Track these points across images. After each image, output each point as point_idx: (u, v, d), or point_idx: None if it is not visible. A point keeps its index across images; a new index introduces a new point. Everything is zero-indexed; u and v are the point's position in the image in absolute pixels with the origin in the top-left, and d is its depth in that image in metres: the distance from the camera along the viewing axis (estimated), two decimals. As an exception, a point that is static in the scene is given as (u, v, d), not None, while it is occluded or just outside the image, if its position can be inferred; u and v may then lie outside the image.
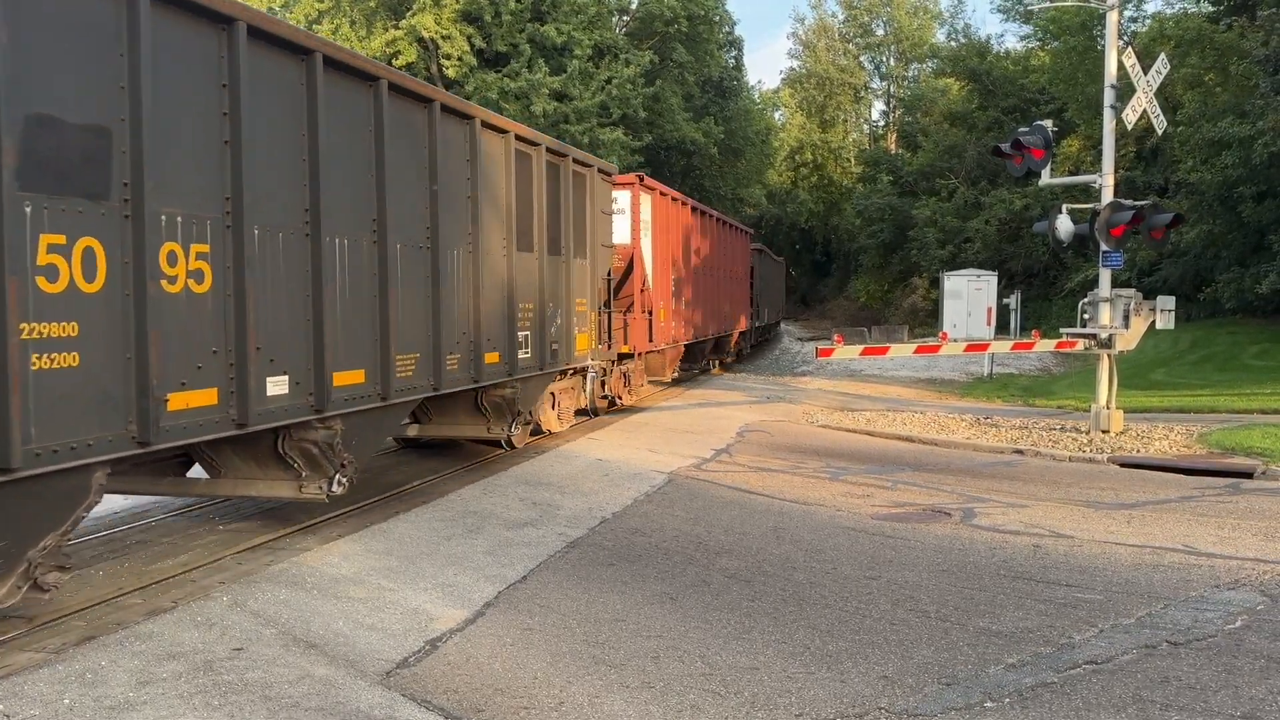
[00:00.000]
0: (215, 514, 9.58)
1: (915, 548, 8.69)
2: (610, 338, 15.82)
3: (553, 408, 13.95)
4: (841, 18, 75.98)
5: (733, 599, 7.23)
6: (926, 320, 45.28)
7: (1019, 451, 14.32)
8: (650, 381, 20.89)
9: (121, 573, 7.59)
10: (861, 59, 76.37)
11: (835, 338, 16.83)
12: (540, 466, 12.15)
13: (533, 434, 13.41)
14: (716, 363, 29.04)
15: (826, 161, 73.98)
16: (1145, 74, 15.08)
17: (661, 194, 20.03)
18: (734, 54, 51.40)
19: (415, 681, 5.66)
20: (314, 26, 34.84)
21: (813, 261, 74.43)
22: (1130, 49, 15.71)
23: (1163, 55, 16.12)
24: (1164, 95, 17.74)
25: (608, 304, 15.72)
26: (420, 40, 34.73)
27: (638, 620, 6.76)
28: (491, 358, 10.97)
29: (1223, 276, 30.71)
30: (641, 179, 18.72)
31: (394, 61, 33.92)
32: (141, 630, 6.12)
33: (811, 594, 7.35)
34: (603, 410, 16.76)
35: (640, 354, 18.60)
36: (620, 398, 17.64)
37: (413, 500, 10.08)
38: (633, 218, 18.25)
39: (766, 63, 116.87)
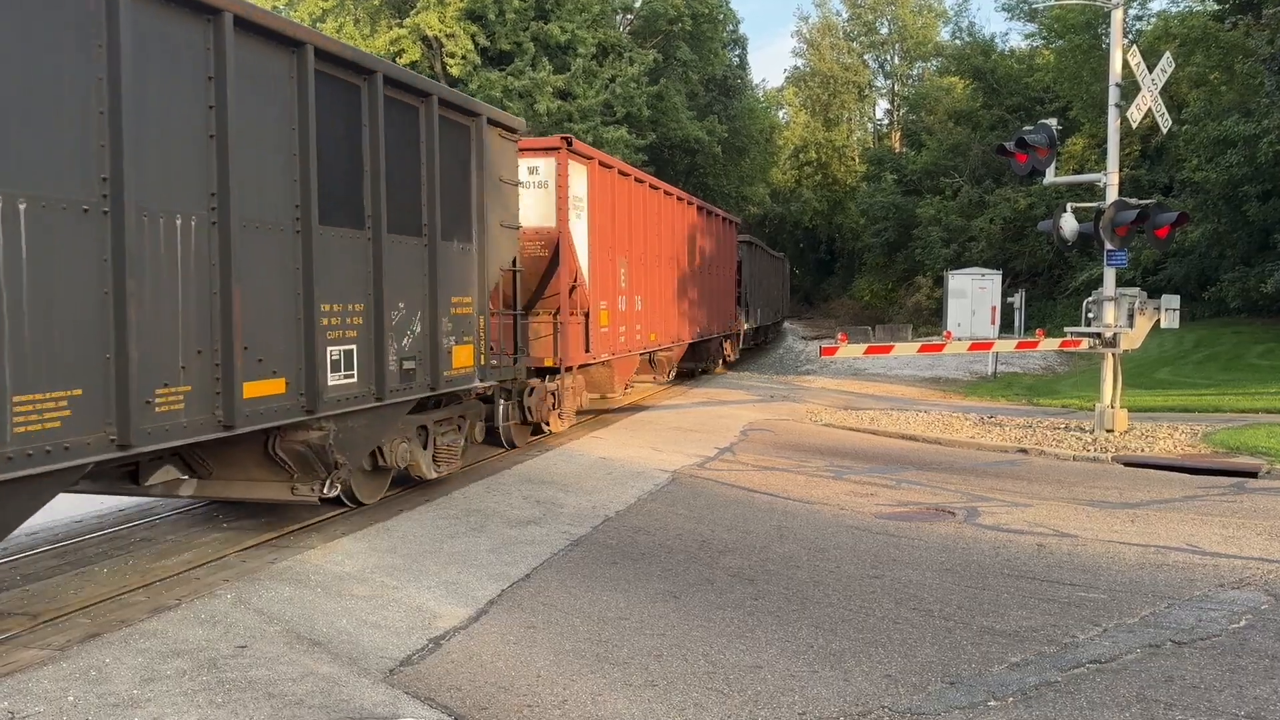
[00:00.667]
0: (219, 512, 9.60)
1: (919, 547, 8.68)
2: (521, 348, 12.43)
3: (425, 446, 10.16)
4: (846, 16, 76.00)
5: (736, 597, 7.23)
6: (930, 319, 45.25)
7: (1023, 451, 14.30)
8: (595, 400, 17.41)
9: (125, 570, 7.61)
10: (865, 57, 76.34)
11: (839, 337, 16.81)
12: (543, 465, 12.15)
13: (395, 485, 10.23)
14: (716, 365, 27.51)
15: (830, 160, 73.98)
16: (1150, 72, 15.05)
17: (602, 165, 15.83)
18: (738, 52, 51.44)
19: (419, 679, 5.66)
20: (318, 25, 34.87)
21: (816, 260, 74.45)
22: (1135, 47, 15.68)
23: (1168, 54, 16.09)
24: (1169, 94, 17.76)
25: (515, 304, 12.26)
26: (424, 39, 34.76)
27: (641, 618, 6.76)
28: (264, 387, 7.26)
29: (1227, 276, 30.68)
30: (569, 142, 14.37)
31: (398, 60, 33.96)
32: (146, 628, 6.13)
33: (815, 593, 7.35)
34: (522, 442, 13.44)
35: (574, 368, 14.68)
36: (547, 424, 14.06)
37: (416, 498, 10.08)
38: (559, 194, 14.11)
39: (770, 61, 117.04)
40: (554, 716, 5.22)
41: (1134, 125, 15.61)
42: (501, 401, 12.71)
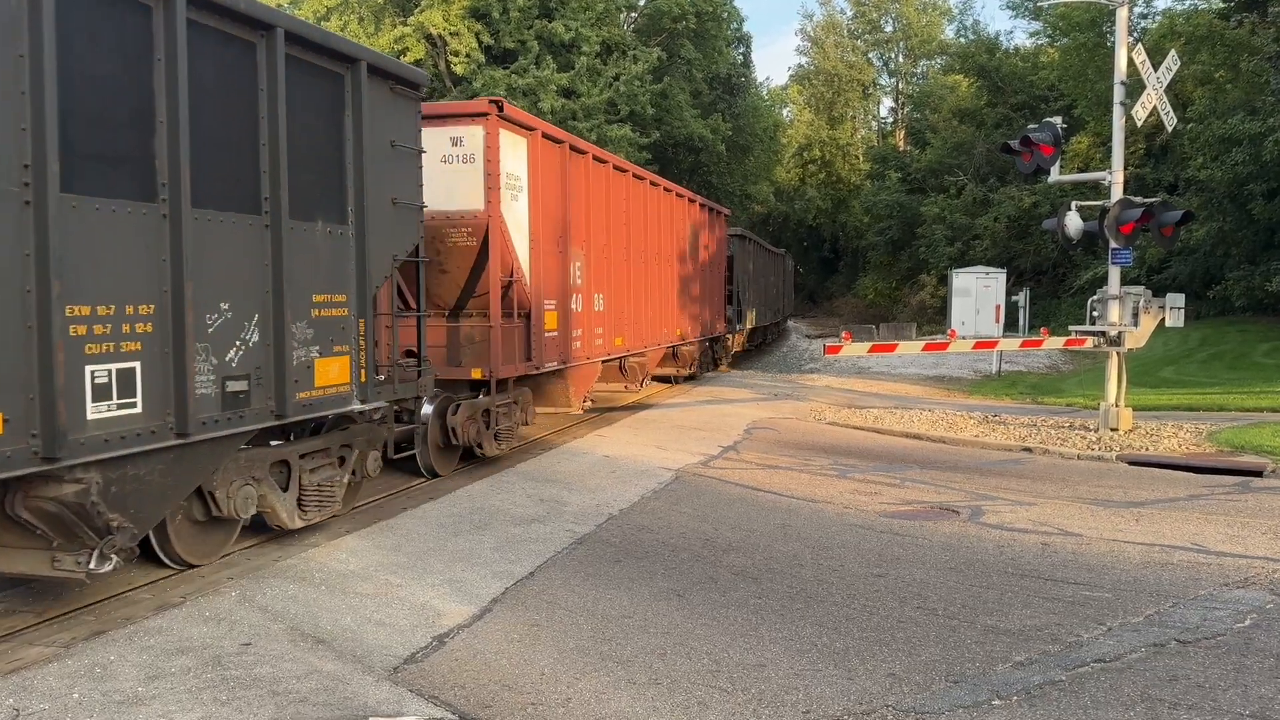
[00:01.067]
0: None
1: (923, 545, 8.67)
2: (426, 359, 10.16)
3: (287, 487, 8.08)
4: (850, 14, 75.94)
5: (740, 596, 7.23)
6: (934, 318, 45.21)
7: (1027, 449, 14.28)
8: (549, 415, 15.47)
9: (131, 567, 7.60)
10: (870, 55, 76.28)
11: (843, 335, 16.79)
12: (547, 463, 12.16)
13: (247, 533, 8.15)
14: (704, 369, 25.16)
15: (835, 159, 73.92)
16: (1155, 71, 15.01)
17: (548, 138, 13.25)
18: (742, 50, 51.36)
19: (423, 677, 5.67)
20: (322, 23, 34.86)
21: (820, 259, 74.43)
22: (1140, 45, 15.64)
23: (1173, 52, 16.06)
24: (1174, 92, 17.70)
25: (419, 303, 10.29)
26: (428, 37, 34.74)
27: (645, 617, 6.76)
28: None
29: (1232, 274, 30.61)
30: (500, 107, 11.71)
31: (402, 58, 33.92)
32: (150, 625, 6.15)
33: (819, 591, 7.35)
34: (447, 470, 11.37)
35: (509, 380, 12.35)
36: (479, 447, 11.60)
37: (420, 497, 10.09)
38: (488, 170, 11.60)
39: (775, 60, 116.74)
40: (558, 715, 5.22)
41: (1139, 123, 15.58)
42: (429, 423, 10.72)
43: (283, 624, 6.33)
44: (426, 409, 10.86)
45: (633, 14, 40.35)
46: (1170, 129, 17.22)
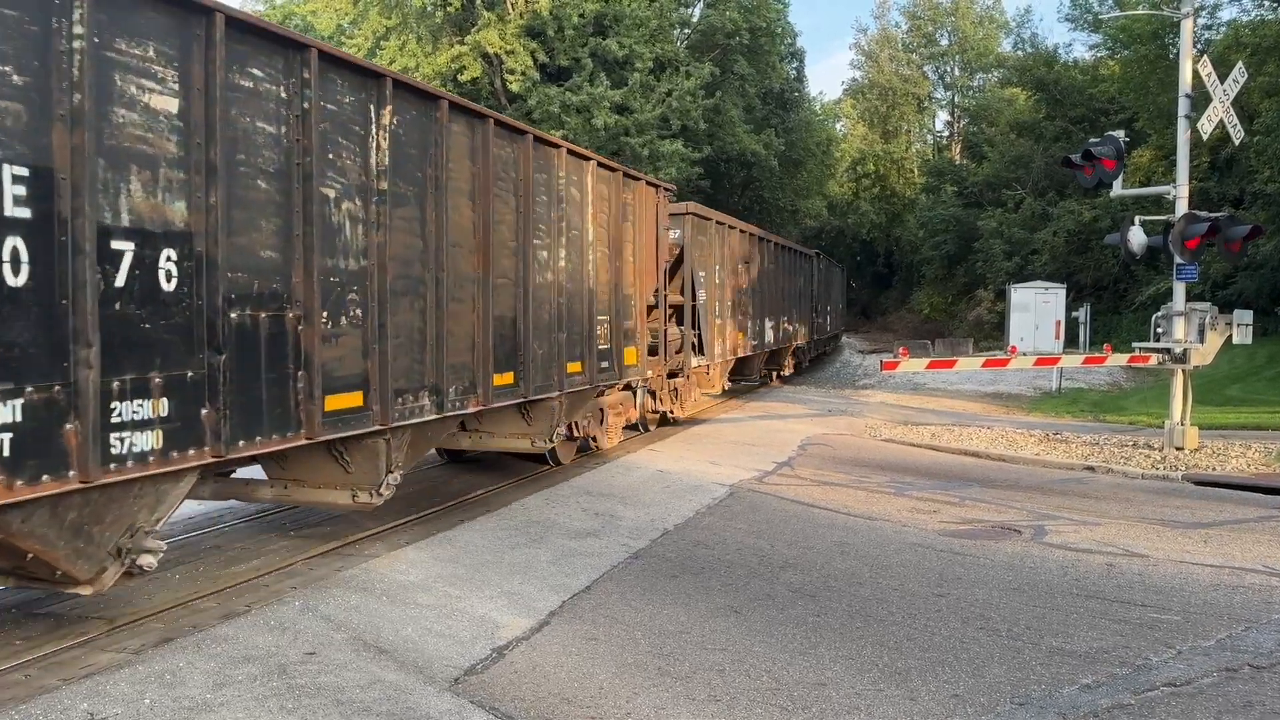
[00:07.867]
0: (286, 521, 9.77)
1: (984, 565, 8.55)
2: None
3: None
4: (905, 28, 75.34)
5: (798, 614, 7.18)
6: (992, 334, 44.52)
7: (1090, 468, 14.01)
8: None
9: (197, 577, 7.78)
10: (925, 69, 75.59)
11: (900, 351, 16.65)
12: (601, 477, 12.19)
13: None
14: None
15: (889, 172, 73.32)
16: (1222, 83, 14.72)
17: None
18: (795, 65, 51.21)
19: (483, 688, 5.71)
20: (381, 43, 35.47)
21: (874, 273, 73.78)
22: (1206, 57, 15.34)
23: (1240, 64, 15.73)
24: (1240, 104, 17.26)
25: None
26: (485, 56, 35.15)
27: (702, 633, 6.74)
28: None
29: (1302, 290, 29.77)
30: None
31: (459, 77, 34.43)
32: (217, 633, 6.27)
33: (879, 610, 7.27)
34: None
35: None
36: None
37: (477, 509, 10.17)
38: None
39: (828, 74, 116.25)
40: (617, 729, 5.22)
41: (1205, 137, 15.28)
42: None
43: (345, 633, 6.42)
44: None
45: (686, 30, 40.45)
46: (1237, 142, 16.85)
